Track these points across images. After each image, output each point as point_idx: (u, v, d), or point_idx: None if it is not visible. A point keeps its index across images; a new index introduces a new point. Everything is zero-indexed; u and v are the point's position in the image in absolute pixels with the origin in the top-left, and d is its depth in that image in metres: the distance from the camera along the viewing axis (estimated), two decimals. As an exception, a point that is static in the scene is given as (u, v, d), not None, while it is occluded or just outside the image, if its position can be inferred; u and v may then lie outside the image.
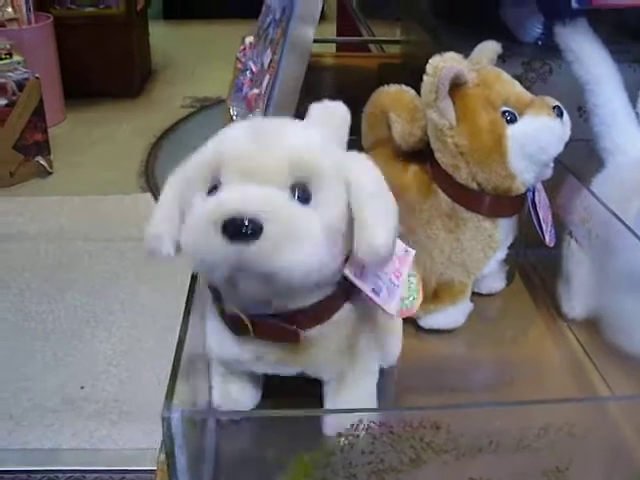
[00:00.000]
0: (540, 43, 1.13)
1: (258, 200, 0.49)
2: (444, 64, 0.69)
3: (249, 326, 0.55)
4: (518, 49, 1.13)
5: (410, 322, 0.78)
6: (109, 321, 2.18)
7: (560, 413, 0.47)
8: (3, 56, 2.90)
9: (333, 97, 1.58)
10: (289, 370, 0.60)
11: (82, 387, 1.93)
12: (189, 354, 0.52)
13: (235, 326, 0.57)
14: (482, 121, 0.71)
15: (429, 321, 0.78)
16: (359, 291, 0.57)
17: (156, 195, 2.86)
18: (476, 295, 0.83)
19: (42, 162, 2.98)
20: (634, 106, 0.82)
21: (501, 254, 0.80)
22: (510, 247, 0.82)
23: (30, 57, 2.99)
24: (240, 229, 0.47)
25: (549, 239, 0.78)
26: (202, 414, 0.47)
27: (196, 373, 0.57)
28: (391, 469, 0.45)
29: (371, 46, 2.18)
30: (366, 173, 0.55)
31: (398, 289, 0.58)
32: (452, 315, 0.79)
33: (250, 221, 0.47)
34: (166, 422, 0.41)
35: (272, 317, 0.55)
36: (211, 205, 0.50)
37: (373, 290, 0.56)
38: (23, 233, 2.61)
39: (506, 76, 0.75)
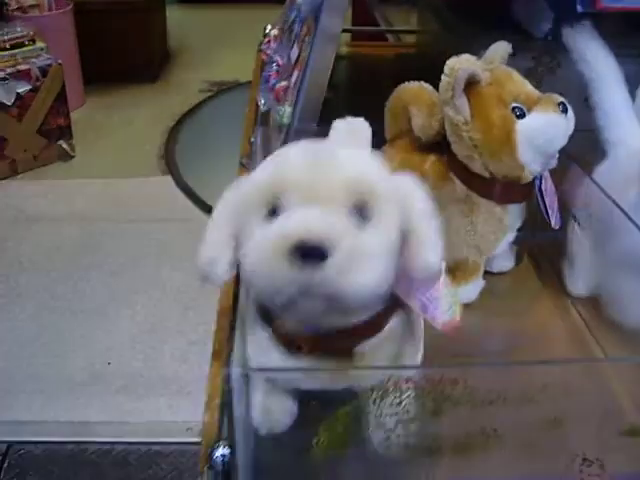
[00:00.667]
0: (550, 38, 1.17)
1: (324, 225, 0.50)
2: (460, 65, 0.75)
3: (304, 343, 0.55)
4: (529, 44, 1.17)
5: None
6: (133, 300, 2.21)
7: (559, 373, 0.54)
8: (27, 42, 2.92)
9: (351, 88, 1.64)
10: (338, 385, 0.58)
11: (109, 363, 1.97)
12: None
13: (287, 343, 0.57)
14: (494, 117, 0.76)
15: (445, 297, 0.85)
16: (403, 303, 0.58)
17: (176, 178, 2.91)
18: (488, 273, 0.87)
19: (64, 146, 3.02)
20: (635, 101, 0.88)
21: (511, 236, 0.85)
22: (519, 230, 0.86)
23: (51, 43, 3.00)
24: (309, 254, 0.48)
25: (554, 223, 0.83)
26: (256, 371, 0.54)
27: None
28: (415, 418, 0.52)
29: (387, 34, 2.20)
30: (417, 194, 0.56)
31: (440, 302, 0.60)
32: (466, 291, 0.83)
33: (318, 246, 0.48)
34: (227, 377, 0.48)
35: (326, 334, 0.55)
36: (277, 230, 0.51)
37: (421, 306, 0.58)
38: (47, 215, 2.64)
39: (516, 75, 0.80)
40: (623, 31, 1.16)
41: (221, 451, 0.59)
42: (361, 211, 0.53)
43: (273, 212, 0.53)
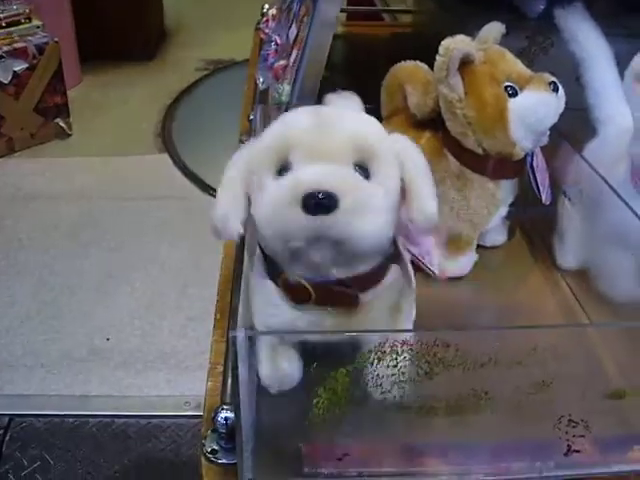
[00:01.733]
0: (543, 19, 1.19)
1: (333, 176, 0.54)
2: (455, 45, 0.76)
3: (312, 293, 0.58)
4: (523, 23, 1.19)
5: (423, 270, 0.83)
6: (131, 277, 2.26)
7: (546, 337, 0.56)
8: (23, 20, 2.92)
9: (347, 67, 1.65)
10: (341, 336, 0.60)
11: (108, 339, 2.01)
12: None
13: (295, 294, 0.59)
14: (487, 95, 0.78)
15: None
16: (399, 258, 0.63)
17: (173, 155, 2.93)
18: (481, 247, 0.89)
19: (61, 124, 3.04)
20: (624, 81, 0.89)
21: (503, 211, 0.87)
22: (511, 205, 0.87)
23: (47, 21, 3.01)
24: (320, 202, 0.52)
25: (545, 198, 0.84)
26: (259, 333, 0.57)
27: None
28: (410, 380, 0.54)
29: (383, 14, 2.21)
30: (414, 153, 0.61)
31: (434, 253, 0.67)
32: (460, 264, 0.85)
33: (328, 195, 0.52)
34: (232, 340, 0.51)
35: (331, 284, 0.58)
36: (290, 182, 0.55)
37: (419, 255, 0.64)
38: (45, 193, 2.67)
39: (509, 55, 0.82)
40: (615, 11, 1.18)
41: (224, 414, 0.62)
42: (364, 167, 0.57)
43: (283, 169, 0.57)
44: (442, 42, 0.77)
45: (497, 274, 0.90)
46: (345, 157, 0.57)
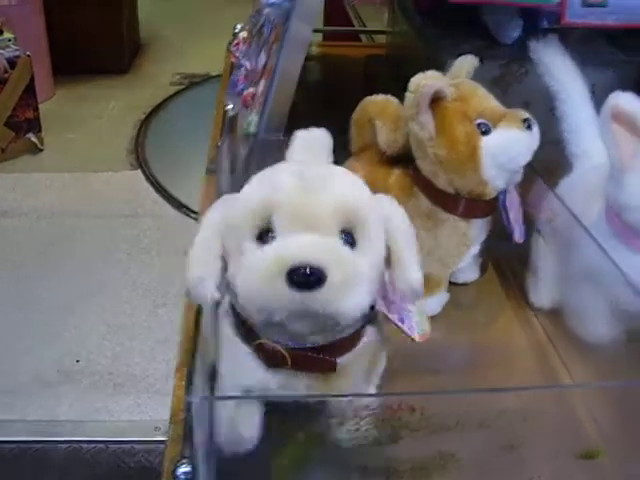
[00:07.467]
0: (517, 46, 1.18)
1: (319, 249, 0.51)
2: (425, 82, 0.74)
3: (288, 359, 0.56)
4: (497, 51, 1.18)
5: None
6: (102, 296, 2.20)
7: (515, 398, 0.55)
8: (-6, 33, 2.91)
9: (321, 91, 1.63)
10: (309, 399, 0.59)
11: (77, 361, 1.98)
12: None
13: (270, 358, 0.58)
14: (459, 133, 0.76)
15: (409, 310, 0.85)
16: (375, 317, 0.62)
17: (146, 172, 2.90)
18: (452, 285, 0.87)
19: (33, 139, 2.99)
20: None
21: (474, 250, 0.85)
22: (484, 240, 0.86)
23: (19, 33, 2.95)
24: (306, 278, 0.50)
25: (518, 237, 0.83)
26: (216, 399, 0.54)
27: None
28: (374, 444, 0.52)
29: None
30: (399, 216, 0.59)
31: (414, 315, 0.64)
32: (430, 305, 0.83)
33: (315, 270, 0.50)
34: (188, 405, 0.48)
35: (309, 350, 0.57)
36: (273, 254, 0.52)
37: (400, 319, 0.62)
38: (15, 209, 2.61)
39: (482, 90, 0.80)
40: (591, 41, 1.17)
41: (184, 469, 0.59)
42: (349, 236, 0.55)
43: (264, 233, 0.54)
44: (412, 79, 0.75)
45: (468, 312, 0.89)
46: (330, 225, 0.54)
